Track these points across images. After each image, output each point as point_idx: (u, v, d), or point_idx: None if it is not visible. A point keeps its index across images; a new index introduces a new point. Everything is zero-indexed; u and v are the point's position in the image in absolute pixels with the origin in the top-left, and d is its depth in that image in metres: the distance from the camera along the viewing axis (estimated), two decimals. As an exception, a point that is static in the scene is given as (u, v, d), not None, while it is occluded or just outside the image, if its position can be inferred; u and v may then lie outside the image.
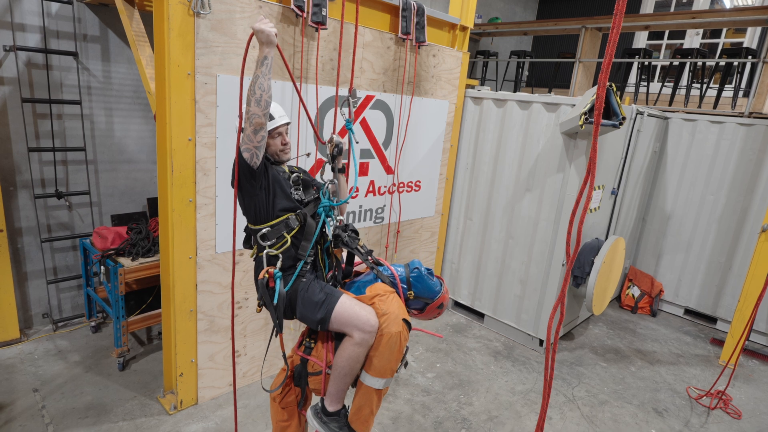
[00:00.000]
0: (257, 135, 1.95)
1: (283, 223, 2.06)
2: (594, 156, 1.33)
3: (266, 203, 2.05)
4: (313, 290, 2.02)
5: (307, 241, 2.05)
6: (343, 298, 1.98)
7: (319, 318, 1.97)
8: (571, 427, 3.61)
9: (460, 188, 5.21)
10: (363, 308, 1.95)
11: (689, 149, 5.65)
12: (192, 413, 3.38)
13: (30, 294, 4.26)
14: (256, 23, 1.89)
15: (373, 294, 2.00)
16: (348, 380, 2.01)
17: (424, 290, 2.11)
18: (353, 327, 1.91)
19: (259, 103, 1.90)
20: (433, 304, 2.13)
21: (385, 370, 1.95)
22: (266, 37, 1.86)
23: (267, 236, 2.05)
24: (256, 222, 2.10)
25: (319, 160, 3.76)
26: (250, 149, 1.96)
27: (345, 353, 1.94)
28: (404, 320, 1.96)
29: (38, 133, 4.04)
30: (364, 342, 1.91)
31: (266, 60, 1.88)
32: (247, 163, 1.99)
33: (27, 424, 3.15)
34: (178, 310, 3.19)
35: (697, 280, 5.76)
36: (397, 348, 1.93)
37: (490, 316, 5.13)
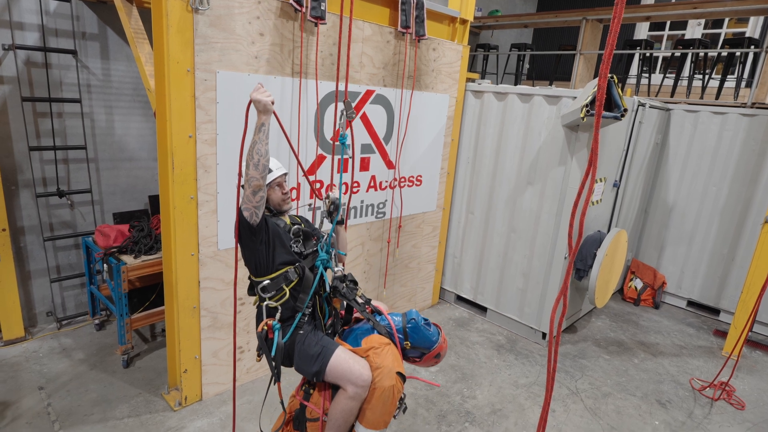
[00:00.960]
0: (256, 196, 2.01)
1: (282, 276, 2.11)
2: (596, 148, 1.32)
3: (266, 257, 2.11)
4: (309, 343, 2.06)
5: (305, 294, 2.10)
6: (338, 352, 2.02)
7: (315, 371, 2.02)
8: (575, 420, 3.62)
9: (462, 182, 5.20)
10: (357, 362, 1.98)
11: (691, 140, 5.62)
12: (197, 409, 3.40)
13: (34, 292, 4.27)
14: (253, 92, 1.96)
15: (368, 346, 2.03)
16: (343, 431, 2.04)
17: (420, 340, 2.12)
18: (347, 381, 1.95)
19: (257, 167, 1.96)
20: (430, 354, 2.15)
21: (378, 422, 1.98)
22: (263, 107, 1.94)
23: (267, 288, 2.11)
24: (257, 274, 2.15)
25: (320, 155, 3.75)
26: (250, 209, 2.03)
27: (339, 406, 1.98)
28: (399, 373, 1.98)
29: (39, 131, 4.04)
30: (357, 396, 1.94)
31: (263, 127, 1.95)
32: (247, 221, 2.05)
33: (33, 421, 3.17)
34: (181, 307, 3.20)
35: (699, 271, 5.75)
36: (390, 401, 1.95)
37: (492, 309, 5.13)
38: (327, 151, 3.79)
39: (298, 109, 3.48)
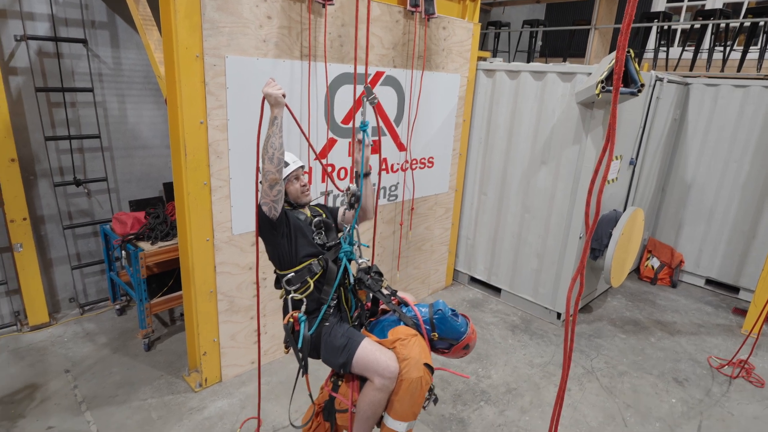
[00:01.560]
0: (273, 190, 2.02)
1: (306, 269, 2.11)
2: (613, 123, 1.28)
3: (289, 250, 2.11)
4: (335, 335, 2.06)
5: (329, 286, 2.11)
6: (364, 343, 2.00)
7: (341, 362, 2.02)
8: (590, 398, 3.63)
9: (474, 163, 5.15)
10: (383, 353, 1.96)
11: (711, 115, 5.46)
12: (217, 390, 3.48)
13: (56, 279, 4.38)
14: (264, 87, 1.96)
15: (394, 338, 2.00)
16: (371, 422, 2.03)
17: (448, 331, 2.07)
18: (373, 372, 1.93)
19: (272, 160, 1.97)
20: (459, 345, 2.09)
21: (407, 414, 1.95)
22: (274, 100, 1.95)
23: (291, 281, 2.12)
24: (281, 268, 2.16)
25: (330, 139, 3.73)
26: (268, 203, 2.04)
27: (367, 398, 1.97)
28: (426, 364, 1.95)
29: (54, 121, 4.09)
30: (385, 387, 1.92)
31: (276, 120, 1.97)
32: (266, 216, 2.06)
33: (61, 402, 3.29)
34: (199, 291, 3.26)
35: (719, 249, 5.64)
36: (418, 393, 1.92)
37: (506, 290, 5.12)
38: (338, 134, 3.77)
39: (308, 92, 3.45)
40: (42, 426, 3.06)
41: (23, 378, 3.51)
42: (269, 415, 3.25)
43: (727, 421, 3.47)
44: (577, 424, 3.34)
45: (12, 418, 3.11)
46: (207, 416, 3.22)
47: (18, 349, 3.85)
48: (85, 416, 3.16)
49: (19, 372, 3.57)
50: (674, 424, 3.41)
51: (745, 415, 3.55)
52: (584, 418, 3.41)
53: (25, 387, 3.41)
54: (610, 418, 3.42)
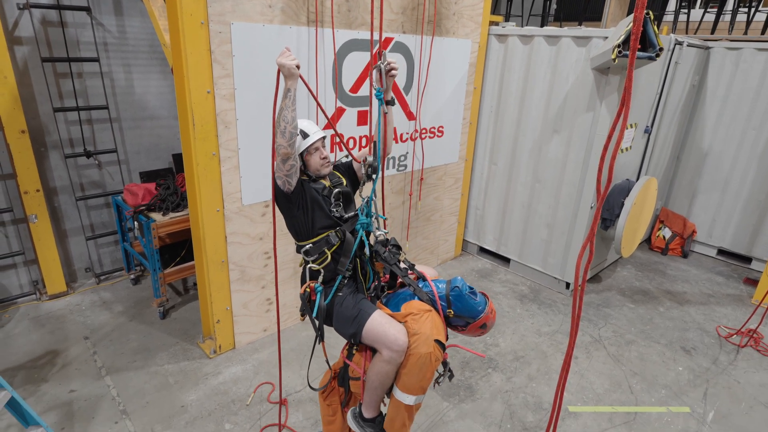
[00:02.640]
0: (286, 164, 1.99)
1: (323, 240, 2.11)
2: (629, 87, 1.24)
3: (305, 222, 2.10)
4: (347, 305, 2.07)
5: (346, 257, 2.10)
6: (375, 315, 2.00)
7: (351, 332, 2.04)
8: (597, 366, 3.68)
9: (485, 132, 5.06)
10: (393, 327, 1.94)
11: (732, 81, 5.28)
12: (231, 356, 3.58)
13: (71, 250, 4.47)
14: (278, 57, 1.89)
15: (406, 312, 1.98)
16: (380, 392, 2.06)
17: (464, 309, 2.02)
18: (382, 344, 1.93)
19: (284, 134, 1.92)
20: (475, 324, 2.03)
21: (415, 388, 1.96)
22: (287, 71, 1.88)
23: (309, 252, 2.12)
24: (299, 239, 2.16)
25: (339, 108, 3.68)
26: (281, 177, 2.03)
27: (375, 368, 1.99)
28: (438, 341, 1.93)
29: (61, 92, 4.08)
30: (392, 360, 1.93)
31: (289, 92, 1.90)
32: (281, 190, 2.06)
33: (82, 367, 3.41)
34: (210, 261, 3.30)
35: (733, 219, 5.56)
36: (426, 368, 1.91)
37: (515, 260, 5.13)
38: (346, 103, 3.72)
39: (315, 60, 3.38)
40: (64, 390, 3.18)
41: (44, 344, 3.63)
42: (282, 381, 3.34)
43: (733, 388, 3.50)
44: (583, 391, 3.39)
45: (35, 382, 3.24)
46: (222, 381, 3.32)
47: (38, 317, 3.97)
48: (104, 381, 3.28)
49: (40, 339, 3.70)
50: (680, 391, 3.45)
51: (752, 382, 3.57)
52: (590, 385, 3.46)
53: (46, 353, 3.54)
54: (616, 385, 3.47)
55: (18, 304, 4.14)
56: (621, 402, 3.31)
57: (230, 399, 3.16)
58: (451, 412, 3.15)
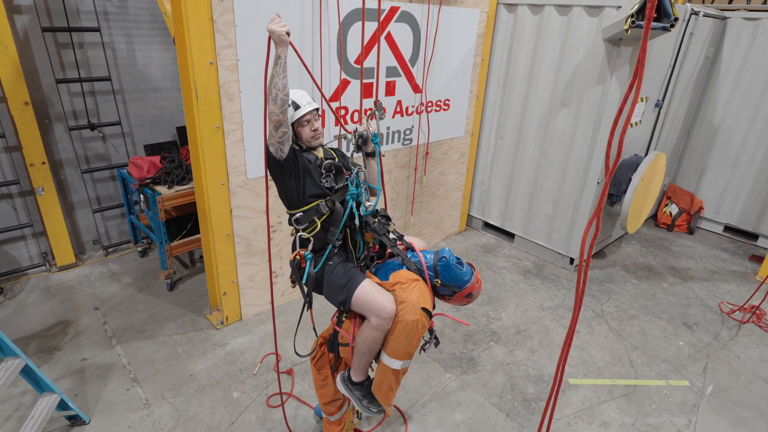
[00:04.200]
0: (278, 131, 1.98)
1: (314, 209, 2.13)
2: (643, 58, 1.20)
3: (296, 191, 2.12)
4: (337, 274, 2.12)
5: (335, 227, 2.14)
6: (364, 284, 2.05)
7: (340, 300, 2.09)
8: (599, 340, 3.72)
9: (492, 106, 4.98)
10: (381, 295, 2.00)
11: (747, 53, 5.13)
12: (237, 328, 3.65)
13: (79, 222, 4.51)
14: (269, 23, 1.87)
15: (395, 281, 2.04)
16: (368, 357, 2.14)
17: (451, 279, 2.09)
18: (370, 312, 2.00)
19: (275, 101, 1.92)
20: (461, 293, 2.11)
21: (401, 353, 2.02)
22: (278, 38, 1.87)
23: (300, 220, 2.15)
24: (290, 207, 2.18)
25: (343, 80, 3.62)
26: (274, 144, 2.02)
27: (363, 334, 2.06)
28: (425, 309, 1.99)
29: (63, 64, 4.03)
30: (380, 327, 1.99)
31: (280, 59, 1.89)
32: (273, 157, 2.05)
33: (93, 337, 3.49)
34: (216, 234, 3.33)
35: (741, 196, 5.50)
36: (413, 335, 1.97)
37: (520, 235, 5.13)
38: (351, 75, 3.65)
39: (320, 30, 3.31)
40: (77, 358, 3.27)
41: (56, 314, 3.71)
42: (287, 351, 3.42)
43: (733, 363, 3.54)
44: (584, 364, 3.44)
45: (49, 351, 3.32)
46: (229, 351, 3.40)
47: (48, 288, 4.04)
48: (115, 350, 3.36)
49: (51, 309, 3.77)
50: (680, 365, 3.49)
51: (751, 357, 3.61)
52: (591, 358, 3.51)
53: (58, 323, 3.62)
54: (617, 359, 3.52)
55: (28, 275, 4.21)
56: (621, 375, 3.36)
57: (237, 368, 3.24)
58: (453, 383, 3.21)
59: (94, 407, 2.87)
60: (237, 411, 2.89)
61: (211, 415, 2.85)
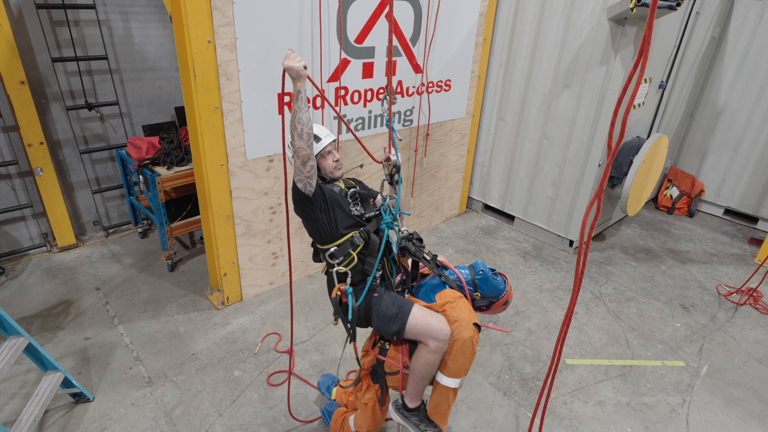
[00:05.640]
0: (306, 166, 1.97)
1: (348, 241, 2.10)
2: (648, 36, 1.18)
3: (329, 224, 2.09)
4: (386, 305, 2.08)
5: (373, 257, 2.11)
6: (415, 310, 2.04)
7: (395, 330, 2.05)
8: (596, 321, 3.75)
9: (493, 86, 4.93)
10: (435, 318, 2.01)
11: (754, 33, 5.05)
12: (238, 308, 3.68)
13: (79, 203, 4.51)
14: (284, 60, 1.86)
15: (443, 301, 2.05)
16: (426, 382, 2.14)
17: (489, 290, 2.14)
18: (428, 336, 1.99)
19: (301, 136, 1.91)
20: (499, 302, 2.17)
21: (460, 371, 2.05)
22: (296, 73, 1.86)
23: (335, 255, 2.12)
24: (323, 242, 2.14)
25: (343, 59, 3.57)
26: (303, 180, 2.00)
27: (422, 360, 2.04)
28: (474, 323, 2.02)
29: (59, 42, 3.97)
30: (439, 349, 2.00)
31: (300, 94, 1.89)
32: (302, 193, 2.03)
33: (95, 316, 3.52)
34: (216, 215, 3.33)
35: (742, 179, 5.49)
36: (469, 351, 2.01)
37: (520, 218, 5.13)
38: (351, 54, 3.60)
39: (319, 7, 3.25)
40: (80, 337, 3.30)
41: (58, 294, 3.74)
42: (288, 331, 3.45)
43: (729, 344, 3.58)
44: (581, 344, 3.48)
45: (52, 330, 3.36)
46: (230, 331, 3.43)
47: (50, 269, 4.06)
48: (118, 329, 3.40)
49: (53, 289, 3.80)
50: (676, 346, 3.53)
51: (747, 339, 3.65)
52: (589, 339, 3.55)
53: (60, 303, 3.65)
54: (613, 340, 3.56)
55: (30, 255, 4.23)
56: (617, 356, 3.40)
57: (239, 348, 3.28)
58: (452, 362, 3.25)
59: (98, 385, 2.92)
60: (238, 389, 2.94)
61: (213, 393, 2.90)
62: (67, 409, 2.75)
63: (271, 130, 3.34)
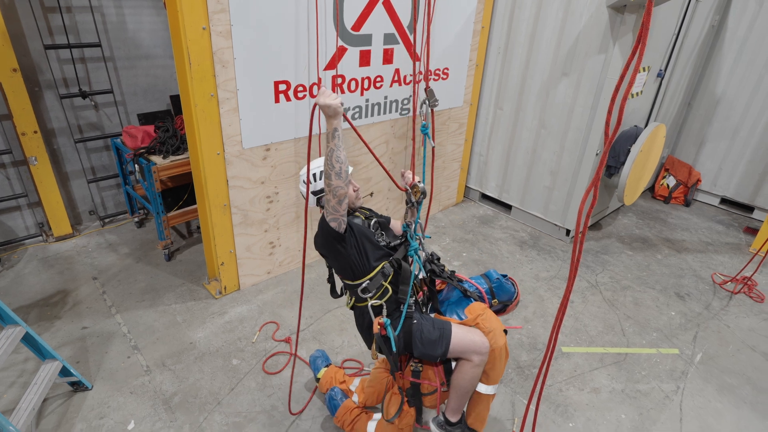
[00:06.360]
0: (342, 204, 1.94)
1: (379, 273, 2.09)
2: (647, 22, 1.17)
3: (360, 259, 2.07)
4: (428, 330, 2.09)
5: (406, 285, 2.09)
6: (455, 329, 2.08)
7: (440, 353, 2.08)
8: (592, 310, 3.78)
9: (491, 75, 4.89)
10: (474, 333, 2.07)
11: (754, 21, 5.02)
12: (236, 297, 3.68)
13: (74, 193, 4.48)
14: (318, 98, 1.80)
15: (474, 316, 2.12)
16: (469, 395, 2.20)
17: (504, 295, 2.30)
18: (471, 353, 2.05)
19: (339, 175, 1.87)
20: (513, 305, 2.33)
21: (498, 377, 2.15)
22: (333, 111, 1.81)
23: (368, 289, 2.10)
24: (354, 278, 2.11)
25: (340, 47, 3.53)
26: (337, 218, 1.97)
27: (467, 375, 2.09)
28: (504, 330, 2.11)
29: (51, 28, 3.91)
30: (482, 362, 2.07)
31: (337, 132, 1.85)
32: (336, 231, 2.00)
33: (92, 306, 3.52)
34: (213, 205, 3.31)
35: (739, 168, 5.50)
36: (504, 357, 2.10)
37: (517, 207, 5.14)
38: (348, 42, 3.56)
39: None
40: (77, 327, 3.31)
41: (54, 284, 3.73)
42: (285, 320, 3.47)
43: (723, 332, 3.62)
44: (577, 333, 3.51)
45: (49, 319, 3.36)
46: (228, 320, 3.44)
47: (46, 258, 4.05)
48: (115, 318, 3.40)
49: (49, 279, 3.79)
50: (671, 334, 3.56)
51: (741, 327, 3.68)
52: (584, 327, 3.58)
53: (57, 292, 3.64)
54: (609, 328, 3.59)
55: (25, 245, 4.21)
56: (613, 344, 3.43)
57: (236, 337, 3.29)
58: (448, 351, 3.27)
59: (96, 374, 2.93)
60: (237, 377, 2.96)
61: (211, 382, 2.91)
62: (65, 397, 2.76)
63: (268, 119, 3.32)
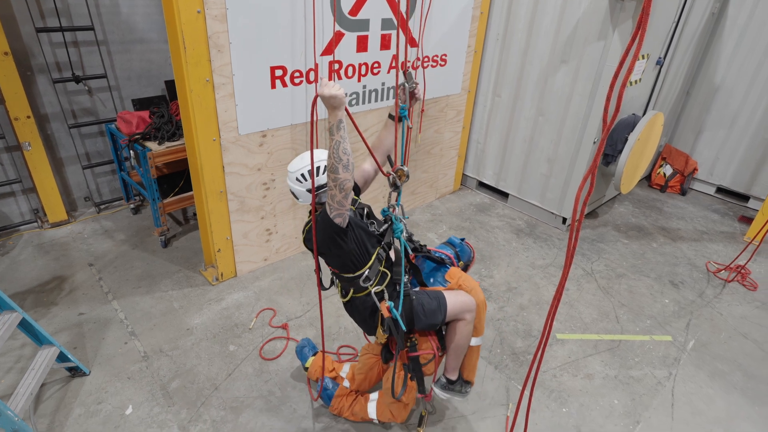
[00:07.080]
0: (348, 198, 1.90)
1: (376, 260, 2.13)
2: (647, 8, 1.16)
3: (360, 250, 2.07)
4: (427, 302, 2.18)
5: (398, 266, 2.18)
6: (447, 295, 2.22)
7: (441, 319, 2.19)
8: (587, 297, 3.81)
9: (490, 62, 4.85)
10: (461, 294, 2.23)
11: (755, 8, 4.98)
12: (233, 284, 3.69)
13: (69, 179, 4.45)
14: (322, 88, 1.73)
15: (456, 279, 2.30)
16: (464, 352, 2.36)
17: (466, 257, 2.55)
18: (465, 312, 2.22)
19: (347, 168, 1.82)
20: (471, 264, 2.59)
21: (481, 329, 2.36)
22: (339, 102, 1.75)
23: (369, 278, 2.13)
24: (355, 270, 2.11)
25: (337, 32, 3.49)
26: (342, 213, 1.93)
27: (463, 333, 2.26)
28: None
29: (42, 11, 3.84)
30: (473, 318, 2.25)
31: (341, 123, 1.79)
32: (339, 227, 1.96)
33: (89, 292, 3.52)
34: (209, 191, 3.30)
35: (736, 156, 5.51)
36: (485, 309, 2.33)
37: (514, 195, 5.14)
38: (345, 27, 3.52)
39: (312, -23, 3.15)
40: (74, 313, 3.31)
41: (50, 270, 3.72)
42: (282, 306, 3.48)
43: (716, 320, 3.66)
44: (571, 320, 3.54)
45: (45, 305, 3.36)
46: (225, 306, 3.45)
47: (42, 244, 4.04)
48: (112, 305, 3.41)
49: (45, 265, 3.78)
50: (664, 321, 3.60)
51: (733, 314, 3.72)
52: (579, 314, 3.61)
53: (53, 278, 3.64)
54: (603, 315, 3.62)
55: (21, 231, 4.19)
56: (607, 330, 3.47)
57: (233, 323, 3.30)
58: (444, 337, 3.30)
59: (94, 359, 2.94)
60: (234, 363, 2.97)
61: (208, 367, 2.93)
62: (63, 382, 2.77)
63: (264, 105, 3.29)
